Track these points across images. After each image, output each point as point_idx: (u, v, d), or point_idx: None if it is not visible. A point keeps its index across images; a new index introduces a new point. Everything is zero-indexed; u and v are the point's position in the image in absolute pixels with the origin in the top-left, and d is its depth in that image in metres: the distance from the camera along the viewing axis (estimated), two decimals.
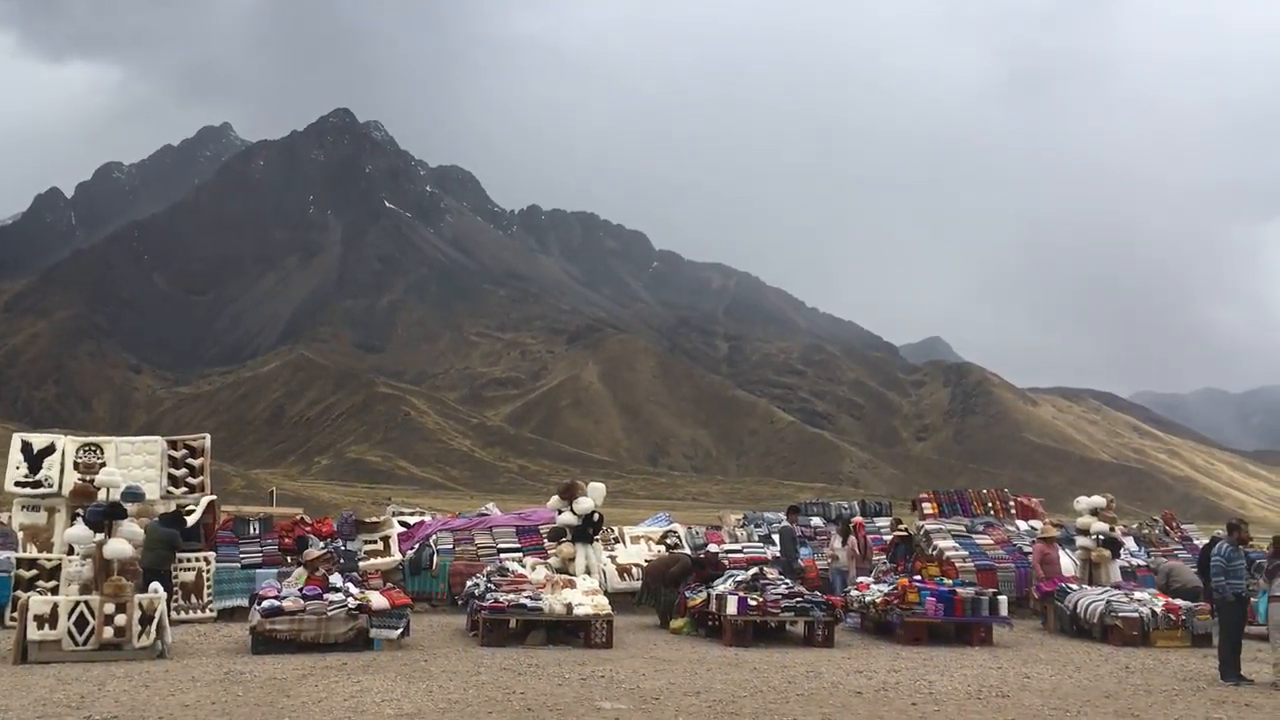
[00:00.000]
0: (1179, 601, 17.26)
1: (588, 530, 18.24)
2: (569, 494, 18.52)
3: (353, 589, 14.93)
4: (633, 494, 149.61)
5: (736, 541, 22.24)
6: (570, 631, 15.39)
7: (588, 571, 17.72)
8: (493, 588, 15.85)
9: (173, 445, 18.29)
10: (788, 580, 17.16)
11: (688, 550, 20.49)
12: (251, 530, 19.19)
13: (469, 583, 16.85)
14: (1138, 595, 17.50)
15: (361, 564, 18.62)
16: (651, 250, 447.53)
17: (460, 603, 17.70)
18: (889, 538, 21.96)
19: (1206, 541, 22.55)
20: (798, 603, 16.00)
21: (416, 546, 20.07)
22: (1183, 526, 25.24)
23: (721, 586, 16.50)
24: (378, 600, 14.71)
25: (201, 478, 18.25)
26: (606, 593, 17.47)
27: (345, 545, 19.12)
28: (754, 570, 16.99)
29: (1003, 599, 16.95)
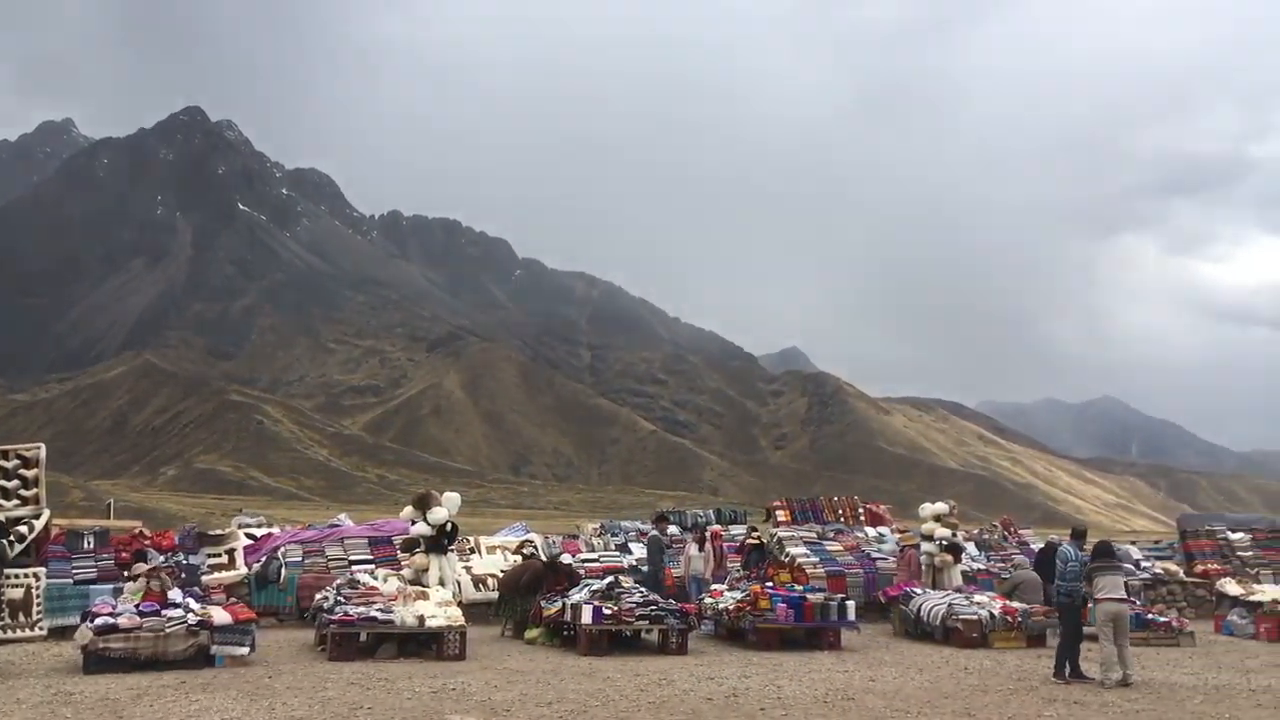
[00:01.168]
0: (1016, 604, 17.97)
1: (442, 541, 18.00)
2: (423, 504, 18.25)
3: (193, 604, 14.39)
4: (494, 503, 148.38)
5: (593, 550, 22.25)
6: (423, 644, 15.15)
7: (441, 583, 17.49)
8: (342, 600, 15.49)
9: (3, 455, 17.35)
10: (643, 589, 17.24)
11: (543, 559, 20.42)
12: (86, 544, 18.31)
13: (318, 596, 16.44)
14: (978, 598, 18.17)
15: (204, 578, 17.96)
16: (514, 258, 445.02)
17: (309, 617, 17.24)
18: (744, 545, 22.32)
19: (1042, 545, 23.61)
20: (653, 611, 16.09)
21: (263, 559, 19.46)
22: (1020, 531, 26.33)
23: (577, 596, 16.47)
24: (220, 615, 14.21)
25: (35, 490, 17.36)
26: (461, 604, 17.28)
27: (187, 559, 18.42)
28: (610, 579, 17.03)
29: (851, 604, 17.39)
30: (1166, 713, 11.92)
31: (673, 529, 23.79)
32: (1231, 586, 21.46)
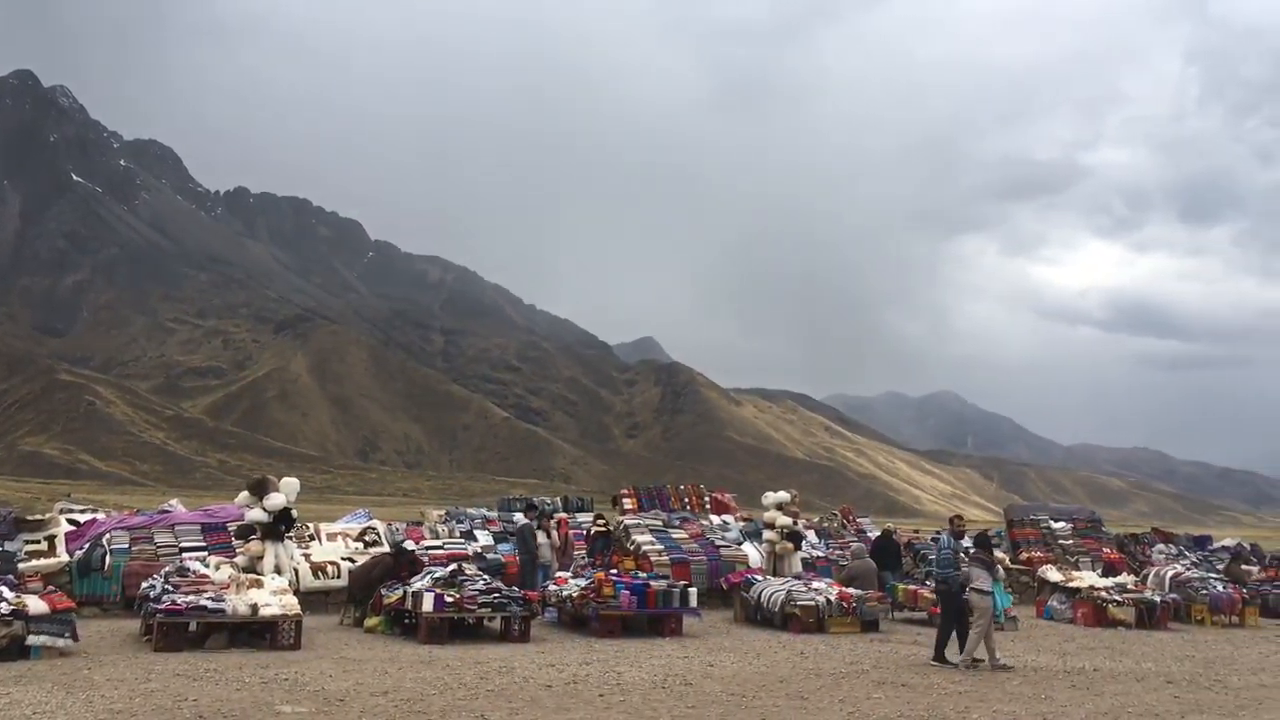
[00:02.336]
0: (851, 590, 18.50)
1: (279, 527, 17.48)
2: (260, 489, 17.68)
3: (6, 593, 13.60)
4: (340, 490, 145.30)
5: (438, 538, 21.96)
6: (256, 634, 14.67)
7: (277, 570, 16.98)
8: (170, 589, 14.86)
9: None
10: (486, 576, 17.09)
11: (386, 547, 20.07)
12: None
13: (144, 584, 15.74)
14: (816, 585, 18.63)
15: (21, 565, 16.99)
16: (367, 240, 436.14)
17: (135, 606, 16.52)
18: (590, 532, 22.37)
19: (879, 534, 24.39)
20: (495, 598, 15.96)
21: (86, 546, 18.54)
22: (859, 520, 27.10)
23: (418, 583, 16.23)
24: (36, 605, 13.46)
25: None
26: (298, 592, 16.84)
27: (2, 546, 17.41)
28: (452, 567, 16.83)
29: (694, 590, 17.60)
30: (988, 693, 12.43)
31: (519, 516, 23.57)
32: (1053, 573, 22.57)
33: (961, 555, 15.37)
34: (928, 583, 21.77)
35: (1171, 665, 15.29)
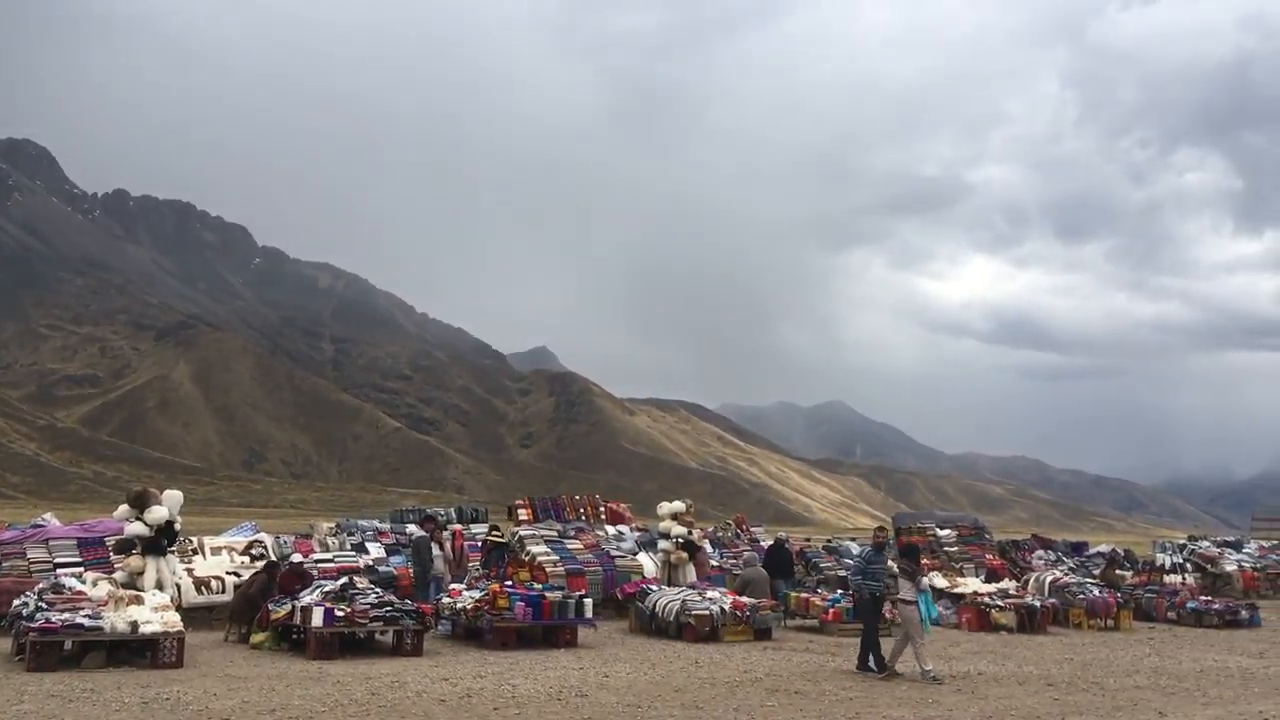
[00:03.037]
0: (745, 598, 18.68)
1: (161, 541, 16.92)
2: (140, 502, 17.09)
3: None
4: (224, 501, 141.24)
5: (328, 550, 21.51)
6: (136, 652, 14.17)
7: (159, 586, 16.43)
8: (44, 606, 14.27)
9: None
10: (379, 589, 16.80)
11: (273, 559, 19.60)
12: None
13: (16, 601, 15.08)
14: (710, 594, 18.76)
15: None
16: (254, 246, 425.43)
17: (6, 625, 15.80)
18: (485, 543, 22.14)
19: (772, 543, 24.69)
20: (387, 612, 15.70)
21: None
22: (752, 529, 27.41)
23: (308, 598, 15.87)
24: None
25: None
26: (181, 608, 16.33)
27: None
28: (343, 580, 16.50)
29: (589, 601, 17.57)
30: (877, 698, 12.68)
31: (412, 527, 23.25)
32: (938, 579, 23.10)
33: (889, 565, 15.38)
34: (819, 590, 22.15)
35: (1051, 668, 15.78)
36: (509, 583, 17.95)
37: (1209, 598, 24.33)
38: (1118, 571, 26.85)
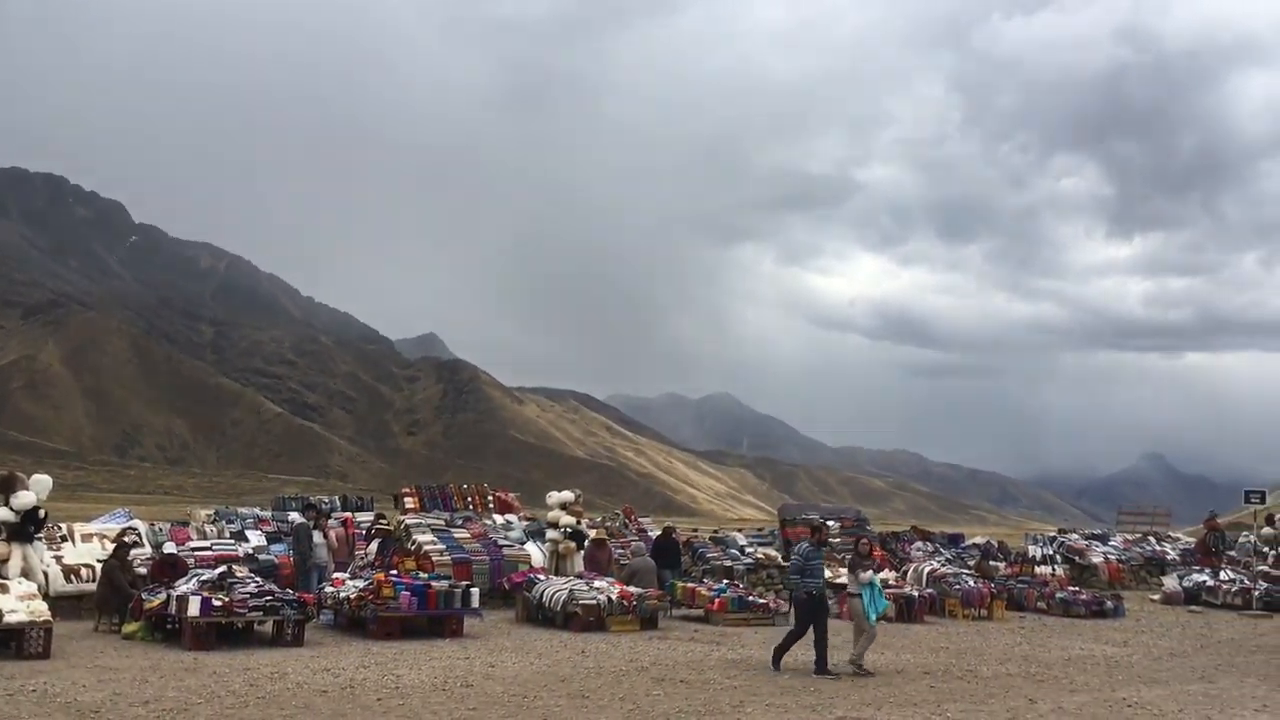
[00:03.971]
0: (632, 588, 18.77)
1: (27, 528, 16.27)
2: (6, 487, 16.40)
3: None
4: (96, 487, 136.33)
5: (206, 538, 20.91)
6: (0, 642, 13.60)
7: (25, 574, 15.78)
8: None
9: None
10: (258, 579, 16.41)
11: (149, 550, 19.01)
12: None
13: None
14: (597, 583, 18.80)
15: None
16: (130, 223, 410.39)
17: None
18: (370, 532, 21.80)
19: (659, 533, 24.84)
20: (267, 601, 15.35)
21: None
22: (640, 519, 27.55)
23: (184, 587, 15.42)
24: None
25: None
26: (49, 596, 15.74)
27: None
28: (221, 569, 16.08)
29: (475, 591, 17.44)
30: (761, 688, 12.86)
31: (294, 515, 22.72)
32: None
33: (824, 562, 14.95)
34: (705, 580, 22.36)
35: (928, 657, 16.23)
36: (394, 572, 17.72)
37: (1076, 588, 25.29)
38: (991, 563, 27.70)
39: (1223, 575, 27.07)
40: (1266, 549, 32.14)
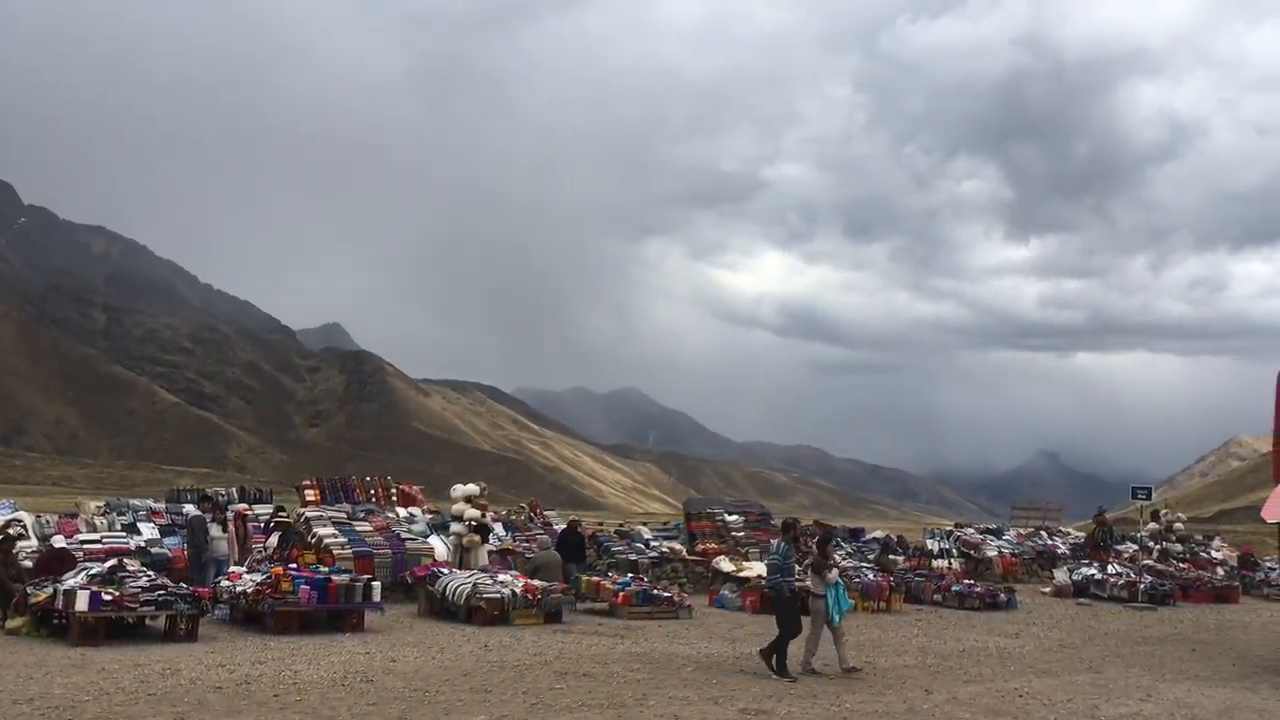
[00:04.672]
0: (536, 582, 18.70)
1: None
2: None
3: None
4: None
5: (95, 531, 20.27)
6: None
7: None
8: None
9: None
10: (151, 572, 15.95)
11: (35, 542, 18.37)
12: None
13: None
14: (501, 577, 18.69)
15: None
16: (19, 204, 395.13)
17: None
18: (270, 525, 21.36)
19: (565, 526, 24.80)
20: (159, 596, 14.92)
21: None
22: (545, 513, 27.46)
23: (72, 580, 14.91)
24: None
25: None
26: None
27: None
28: (112, 562, 15.60)
29: (377, 585, 17.21)
30: (664, 680, 12.91)
31: (189, 507, 22.17)
32: (725, 564, 23.78)
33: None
34: (610, 574, 22.39)
35: (828, 649, 16.44)
36: (294, 565, 17.38)
37: (972, 582, 25.90)
38: (891, 557, 28.25)
39: (1110, 569, 27.98)
40: (1152, 544, 33.40)
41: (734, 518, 28.23)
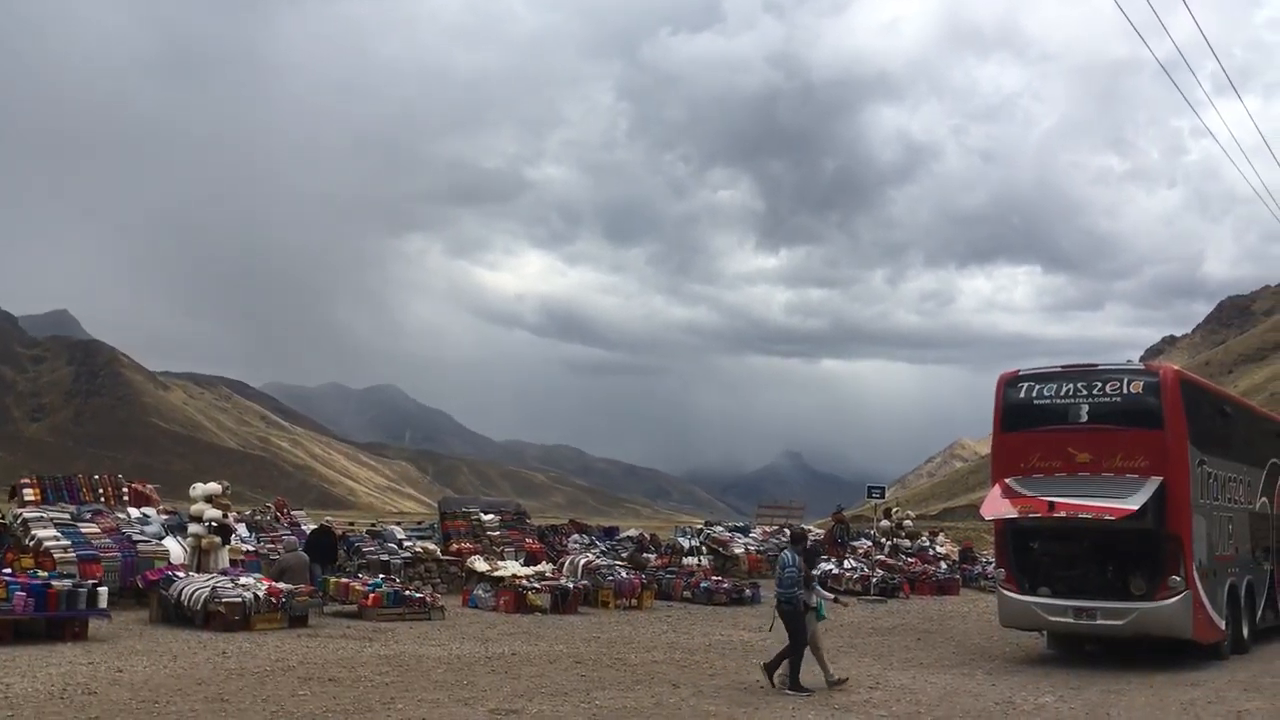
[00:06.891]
0: (281, 585, 17.98)
1: None
2: None
3: None
4: None
5: None
6: None
7: None
8: None
9: None
10: None
11: None
12: None
13: None
14: (243, 580, 17.86)
15: None
16: None
17: None
18: None
19: (315, 528, 23.97)
20: None
21: None
22: (293, 513, 26.49)
23: None
24: None
25: None
26: None
27: None
28: None
29: (103, 590, 16.09)
30: (413, 683, 12.66)
31: None
32: (480, 563, 23.61)
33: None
34: (359, 575, 21.80)
35: (580, 646, 16.61)
36: (8, 570, 16.02)
37: (719, 578, 26.78)
38: (643, 555, 28.84)
39: (845, 565, 29.55)
40: (884, 540, 35.52)
41: (489, 517, 28.07)
